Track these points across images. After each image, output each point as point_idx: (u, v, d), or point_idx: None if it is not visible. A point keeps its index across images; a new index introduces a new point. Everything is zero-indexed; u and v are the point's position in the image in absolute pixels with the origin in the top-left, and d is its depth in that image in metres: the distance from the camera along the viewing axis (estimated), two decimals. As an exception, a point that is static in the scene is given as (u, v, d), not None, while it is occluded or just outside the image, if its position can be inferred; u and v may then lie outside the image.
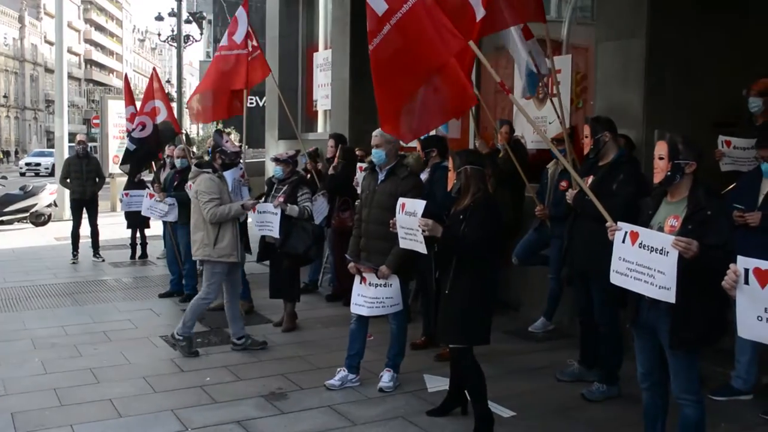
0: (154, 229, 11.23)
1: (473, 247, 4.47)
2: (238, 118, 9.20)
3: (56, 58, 18.68)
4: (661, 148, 3.80)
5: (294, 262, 7.14)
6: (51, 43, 55.80)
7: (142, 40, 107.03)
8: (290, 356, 6.43)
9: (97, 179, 11.37)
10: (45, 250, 12.80)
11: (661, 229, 3.73)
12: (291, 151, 7.48)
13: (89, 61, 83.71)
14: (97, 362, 6.23)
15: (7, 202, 15.83)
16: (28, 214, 15.92)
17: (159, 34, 31.05)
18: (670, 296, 3.48)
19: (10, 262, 11.39)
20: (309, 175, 8.54)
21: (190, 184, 8.18)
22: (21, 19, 67.38)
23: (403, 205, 4.77)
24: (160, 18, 30.04)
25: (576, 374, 5.72)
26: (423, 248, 4.65)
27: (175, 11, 27.62)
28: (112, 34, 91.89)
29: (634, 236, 3.67)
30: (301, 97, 12.70)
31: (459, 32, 4.64)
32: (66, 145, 17.45)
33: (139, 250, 11.51)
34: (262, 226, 6.90)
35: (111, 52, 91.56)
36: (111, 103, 19.23)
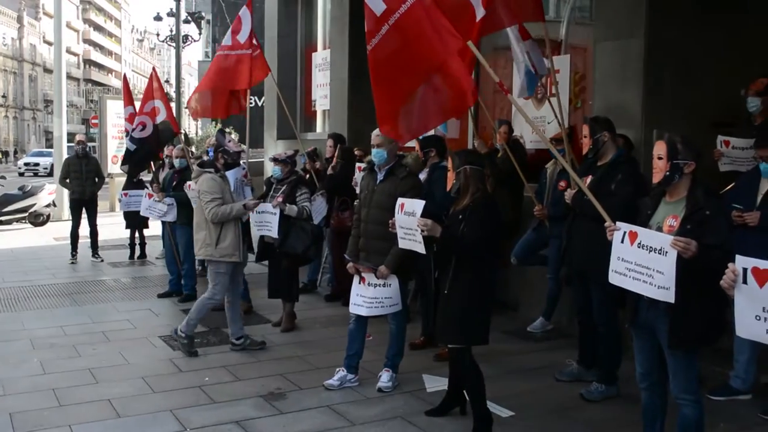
0: (153, 229, 11.25)
1: (472, 247, 4.47)
2: (237, 117, 9.18)
3: (55, 58, 18.67)
4: (660, 148, 3.80)
5: (293, 262, 7.14)
6: (50, 43, 55.69)
7: (141, 40, 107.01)
8: (289, 356, 6.43)
9: (97, 179, 11.39)
10: (44, 250, 12.79)
11: (659, 229, 3.73)
12: (289, 151, 7.49)
13: (88, 61, 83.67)
14: (96, 362, 6.23)
15: (6, 202, 15.82)
16: (27, 214, 15.92)
17: (158, 34, 31.12)
18: (668, 296, 3.48)
19: (9, 263, 11.39)
20: (308, 175, 8.55)
21: (189, 184, 8.21)
22: (20, 19, 67.33)
23: (402, 205, 4.77)
24: (158, 18, 30.08)
25: (575, 374, 5.72)
26: (422, 248, 4.65)
27: (174, 11, 27.64)
28: (110, 34, 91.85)
29: (633, 236, 3.66)
30: (299, 97, 12.68)
31: (459, 32, 4.64)
32: (65, 145, 17.45)
33: (138, 250, 11.51)
34: (261, 226, 6.90)
35: (110, 52, 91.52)
36: (110, 103, 19.24)
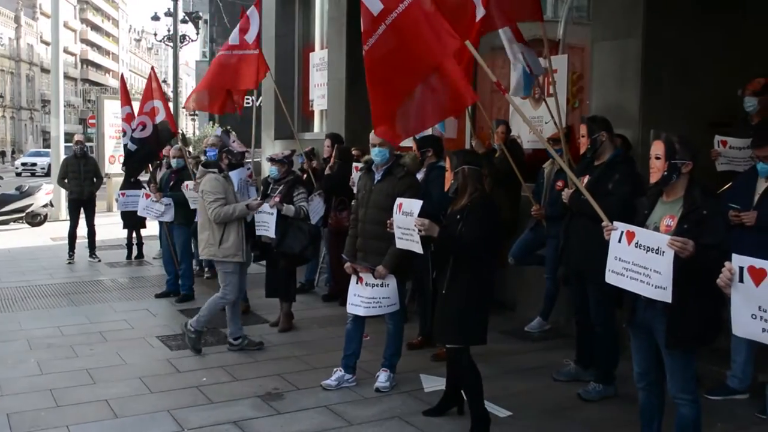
0: (151, 229, 11.22)
1: (470, 247, 4.47)
2: (234, 117, 9.17)
3: (52, 58, 18.63)
4: (658, 148, 3.80)
5: (290, 262, 7.14)
6: (47, 43, 55.54)
7: (139, 40, 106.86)
8: (287, 356, 6.43)
9: (95, 179, 11.37)
10: (41, 250, 12.77)
11: (656, 229, 3.73)
12: (286, 151, 7.49)
13: (85, 61, 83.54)
14: (94, 363, 6.22)
15: (3, 202, 15.79)
16: (24, 215, 15.89)
17: (155, 34, 31.09)
18: (666, 296, 3.49)
19: (6, 263, 11.37)
20: (305, 175, 8.54)
21: (187, 184, 8.22)
22: (17, 19, 67.19)
23: (400, 205, 4.77)
24: (156, 18, 30.03)
25: (572, 374, 5.72)
26: (419, 248, 4.65)
27: (171, 11, 27.61)
28: (108, 34, 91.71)
29: (630, 236, 3.67)
30: (297, 97, 12.68)
31: (460, 32, 4.63)
32: (62, 145, 17.43)
33: (136, 251, 11.50)
34: (259, 226, 6.89)
35: (107, 52, 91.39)
36: (107, 103, 19.22)
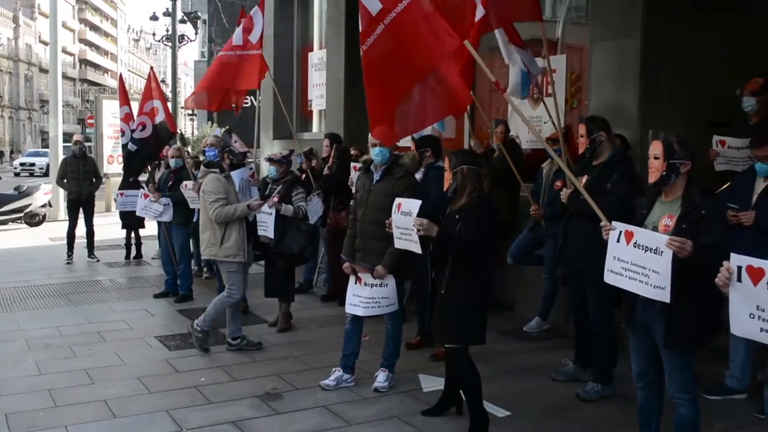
0: (149, 229, 11.23)
1: (469, 247, 4.46)
2: (231, 117, 9.16)
3: (51, 58, 18.62)
4: (656, 148, 3.80)
5: (289, 262, 7.13)
6: (45, 43, 55.58)
7: (137, 40, 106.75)
8: (285, 356, 6.43)
9: (94, 179, 11.36)
10: (39, 250, 12.76)
11: (655, 229, 3.74)
12: (285, 151, 7.49)
13: (84, 61, 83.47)
14: (92, 363, 6.22)
15: (2, 202, 15.78)
16: (23, 215, 15.89)
17: (154, 34, 31.11)
18: (664, 296, 3.49)
19: (5, 263, 11.35)
20: (304, 175, 8.54)
21: (186, 184, 8.21)
22: (15, 19, 67.13)
23: (399, 205, 4.77)
24: (154, 18, 30.06)
25: (571, 374, 5.72)
26: (418, 248, 4.64)
27: (170, 11, 27.63)
28: (106, 34, 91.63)
29: (629, 236, 3.67)
30: (296, 97, 12.69)
31: (460, 31, 4.62)
32: (60, 145, 17.42)
33: (134, 251, 11.49)
34: (259, 226, 6.89)
35: (105, 52, 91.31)
36: (105, 103, 19.18)
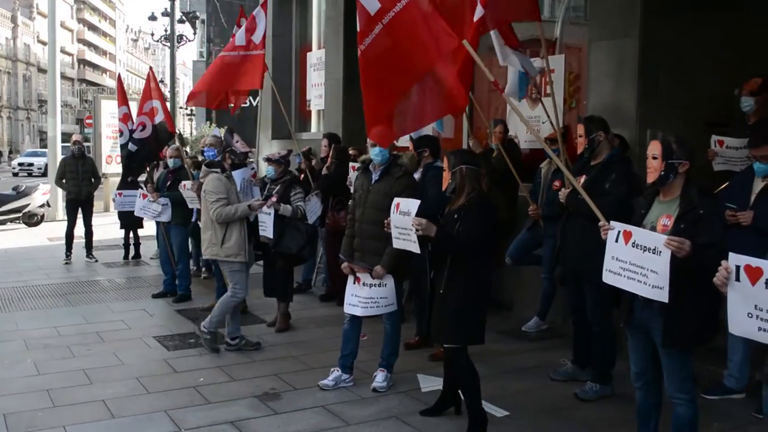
0: (148, 229, 11.22)
1: (468, 246, 4.46)
2: (230, 117, 9.16)
3: (49, 58, 18.58)
4: (655, 148, 3.80)
5: (287, 262, 7.13)
6: (44, 43, 55.45)
7: (136, 40, 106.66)
8: (284, 356, 6.42)
9: (93, 179, 11.35)
10: (38, 250, 12.74)
11: (653, 229, 3.74)
12: (283, 151, 7.48)
13: (82, 61, 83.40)
14: (90, 363, 6.21)
15: (0, 202, 15.76)
16: (21, 215, 15.86)
17: (152, 34, 31.02)
18: (662, 295, 3.49)
19: (3, 263, 11.34)
20: (303, 175, 8.54)
21: (184, 184, 8.21)
22: (14, 19, 67.06)
23: (398, 205, 4.76)
24: (153, 18, 29.98)
25: (569, 374, 5.73)
26: (416, 248, 4.64)
27: (169, 11, 27.57)
28: (105, 34, 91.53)
29: (627, 235, 3.67)
30: (294, 96, 12.69)
31: (460, 32, 4.62)
32: (59, 145, 17.39)
33: (133, 251, 11.49)
34: (260, 226, 6.88)
35: (104, 52, 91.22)
36: (104, 103, 19.14)
